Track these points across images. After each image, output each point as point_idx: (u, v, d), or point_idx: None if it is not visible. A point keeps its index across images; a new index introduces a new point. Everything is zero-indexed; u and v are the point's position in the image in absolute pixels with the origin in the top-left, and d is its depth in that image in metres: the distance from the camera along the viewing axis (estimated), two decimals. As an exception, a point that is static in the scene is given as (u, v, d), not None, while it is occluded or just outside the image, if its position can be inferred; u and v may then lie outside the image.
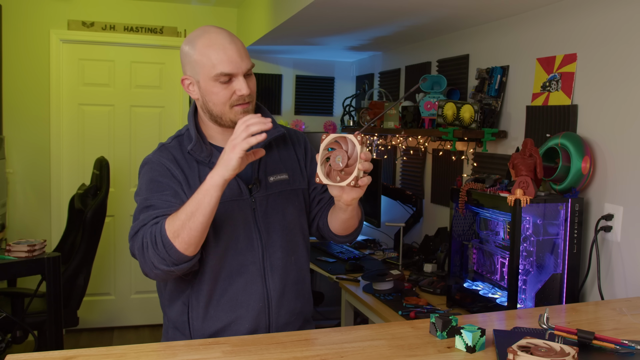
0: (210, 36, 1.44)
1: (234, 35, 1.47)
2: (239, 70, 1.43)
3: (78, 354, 1.25)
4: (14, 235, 4.05)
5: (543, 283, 2.09)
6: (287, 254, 1.55)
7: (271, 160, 1.58)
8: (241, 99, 1.45)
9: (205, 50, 1.42)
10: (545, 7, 2.43)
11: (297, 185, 1.60)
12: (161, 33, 4.34)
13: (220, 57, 1.41)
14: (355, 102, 4.29)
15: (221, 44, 1.42)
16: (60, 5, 4.13)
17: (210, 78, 1.43)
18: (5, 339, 2.78)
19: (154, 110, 4.43)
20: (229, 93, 1.44)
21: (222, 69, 1.41)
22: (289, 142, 1.64)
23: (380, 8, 2.61)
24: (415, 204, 3.49)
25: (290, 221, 1.56)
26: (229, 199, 1.48)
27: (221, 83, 1.43)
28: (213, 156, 1.50)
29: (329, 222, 1.63)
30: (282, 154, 1.61)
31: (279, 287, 1.53)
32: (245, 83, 1.43)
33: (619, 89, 2.06)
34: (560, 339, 1.33)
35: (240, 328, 1.50)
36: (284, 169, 1.59)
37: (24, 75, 4.09)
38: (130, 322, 4.49)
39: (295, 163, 1.62)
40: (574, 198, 2.09)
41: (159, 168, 1.48)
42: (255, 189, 1.52)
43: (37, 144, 4.15)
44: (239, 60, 1.42)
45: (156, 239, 1.34)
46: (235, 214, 1.49)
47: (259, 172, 1.54)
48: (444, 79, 2.96)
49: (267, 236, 1.52)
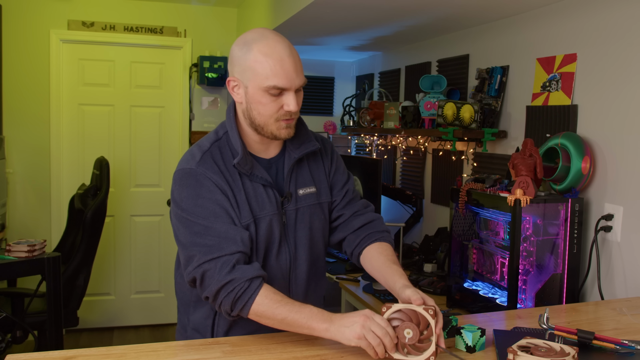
0: (269, 43, 1.35)
1: (292, 47, 1.39)
2: (292, 85, 1.36)
3: (78, 354, 1.25)
4: (14, 235, 4.05)
5: (543, 283, 2.09)
6: (310, 267, 1.54)
7: (301, 173, 1.54)
8: (287, 114, 1.39)
9: (261, 58, 1.34)
10: (545, 7, 2.43)
11: (323, 198, 1.57)
12: (161, 33, 4.34)
13: (276, 69, 1.34)
14: (355, 102, 4.29)
15: (279, 55, 1.34)
16: (60, 5, 4.13)
17: (260, 88, 1.36)
18: (5, 339, 2.78)
19: (154, 110, 4.43)
20: (277, 107, 1.38)
21: (276, 83, 1.34)
22: (319, 154, 1.60)
23: (380, 8, 2.61)
24: (415, 204, 3.49)
25: (315, 235, 1.55)
26: (268, 212, 1.45)
27: (271, 95, 1.36)
28: (255, 168, 1.45)
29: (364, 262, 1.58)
30: (312, 166, 1.57)
31: (302, 299, 1.51)
32: (294, 99, 1.37)
33: (619, 89, 2.05)
34: (560, 339, 1.33)
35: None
36: (312, 182, 1.55)
37: (24, 75, 4.09)
38: (130, 322, 4.49)
39: (323, 176, 1.59)
40: (574, 198, 2.09)
41: (206, 183, 1.39)
42: (286, 202, 1.49)
43: (37, 144, 4.15)
44: (294, 75, 1.36)
45: (236, 303, 1.30)
46: (273, 228, 1.46)
47: (289, 185, 1.50)
48: (444, 79, 2.96)
49: (296, 250, 1.51)
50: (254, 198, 1.44)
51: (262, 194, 1.45)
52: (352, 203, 1.63)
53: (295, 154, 1.50)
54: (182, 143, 4.45)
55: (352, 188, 1.65)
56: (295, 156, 1.50)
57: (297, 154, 1.50)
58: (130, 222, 4.44)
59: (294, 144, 1.51)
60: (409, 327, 1.23)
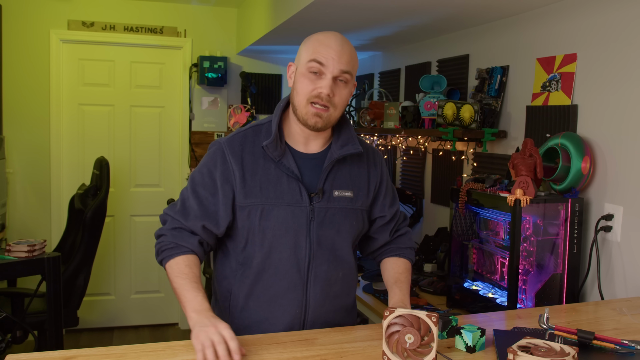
0: (326, 35, 1.48)
1: (346, 42, 1.48)
2: (330, 65, 1.43)
3: (78, 354, 1.25)
4: (14, 235, 4.05)
5: (543, 283, 2.09)
6: (333, 269, 1.55)
7: (341, 175, 1.56)
8: (318, 97, 1.44)
9: (313, 43, 1.47)
10: (545, 7, 2.43)
11: (359, 205, 1.58)
12: (161, 33, 4.34)
13: (320, 50, 1.45)
14: (355, 102, 4.30)
15: (327, 40, 1.46)
16: (60, 5, 4.13)
17: (305, 66, 1.46)
18: (5, 339, 2.78)
19: (154, 110, 4.43)
20: (312, 87, 1.45)
21: (316, 57, 1.44)
22: (364, 160, 1.62)
23: (380, 8, 2.61)
24: (415, 204, 3.49)
25: (343, 238, 1.56)
26: (286, 203, 1.48)
27: (311, 73, 1.45)
28: (284, 157, 1.50)
29: (381, 270, 1.70)
30: (354, 171, 1.59)
31: (319, 299, 1.53)
32: (330, 83, 1.44)
33: (619, 89, 2.05)
34: (560, 339, 1.33)
35: (272, 327, 1.52)
36: (351, 186, 1.57)
37: (24, 75, 4.09)
38: (130, 322, 4.49)
39: (364, 183, 1.60)
40: (574, 198, 2.09)
41: (218, 159, 1.51)
42: (316, 198, 1.51)
43: (37, 144, 4.15)
44: (336, 58, 1.44)
45: (159, 254, 1.50)
46: (288, 219, 1.49)
47: (324, 184, 1.53)
48: (444, 79, 2.96)
49: (317, 247, 1.52)
50: (273, 184, 1.49)
51: (284, 183, 1.49)
52: (395, 218, 1.70)
53: (336, 154, 1.53)
54: (182, 143, 4.45)
55: (398, 202, 1.72)
56: (335, 155, 1.53)
57: (338, 153, 1.53)
58: (130, 222, 4.44)
59: (338, 145, 1.55)
60: (410, 332, 1.24)
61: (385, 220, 1.66)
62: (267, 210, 1.48)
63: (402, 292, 1.54)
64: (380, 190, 1.64)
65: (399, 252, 1.68)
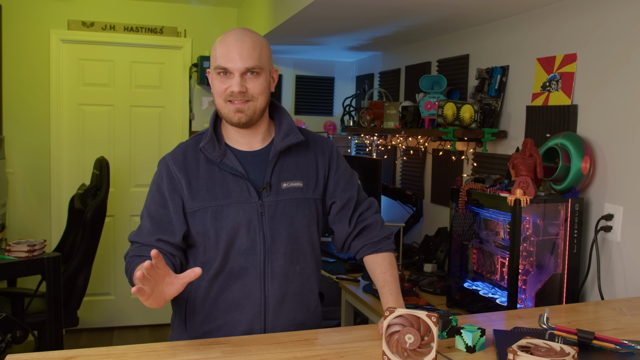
0: (227, 34, 1.50)
1: (247, 36, 1.48)
2: (233, 66, 1.45)
3: (78, 354, 1.25)
4: (14, 235, 4.05)
5: (543, 283, 2.09)
6: (290, 262, 1.54)
7: (287, 166, 1.56)
8: (232, 95, 1.47)
9: (216, 47, 1.50)
10: (545, 7, 2.43)
11: (310, 194, 1.57)
12: (161, 33, 4.34)
13: (222, 51, 1.47)
14: (355, 102, 4.29)
15: (228, 42, 1.47)
16: (60, 5, 4.13)
17: (214, 70, 1.50)
18: (5, 339, 2.78)
19: (154, 110, 4.43)
20: (224, 87, 1.48)
21: (219, 63, 1.47)
22: (311, 149, 1.61)
23: (380, 8, 2.61)
24: (415, 204, 3.49)
25: (298, 230, 1.55)
26: (235, 201, 1.49)
27: (219, 75, 1.48)
28: (226, 157, 1.52)
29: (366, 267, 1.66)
30: (300, 160, 1.58)
31: (278, 295, 1.52)
32: (237, 81, 1.45)
33: (619, 89, 2.06)
34: (560, 339, 1.33)
35: (233, 330, 1.50)
36: (299, 177, 1.56)
37: (24, 75, 4.08)
38: (130, 322, 4.49)
39: (313, 172, 1.59)
40: (574, 198, 2.09)
41: (163, 173, 1.54)
42: (264, 193, 1.51)
43: (37, 144, 4.15)
44: (237, 58, 1.45)
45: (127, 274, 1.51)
46: (239, 216, 1.49)
47: (271, 177, 1.53)
48: (444, 79, 2.96)
49: (272, 242, 1.51)
50: (219, 185, 1.50)
51: (230, 183, 1.50)
52: (350, 203, 1.64)
53: (279, 146, 1.54)
54: (182, 143, 4.45)
55: (356, 188, 1.67)
56: (278, 148, 1.54)
57: (280, 145, 1.54)
58: (130, 222, 4.44)
59: (280, 137, 1.56)
60: (410, 332, 1.24)
61: (338, 207, 1.63)
62: (217, 211, 1.48)
63: (392, 295, 1.53)
64: (330, 176, 1.63)
65: (376, 248, 1.63)
